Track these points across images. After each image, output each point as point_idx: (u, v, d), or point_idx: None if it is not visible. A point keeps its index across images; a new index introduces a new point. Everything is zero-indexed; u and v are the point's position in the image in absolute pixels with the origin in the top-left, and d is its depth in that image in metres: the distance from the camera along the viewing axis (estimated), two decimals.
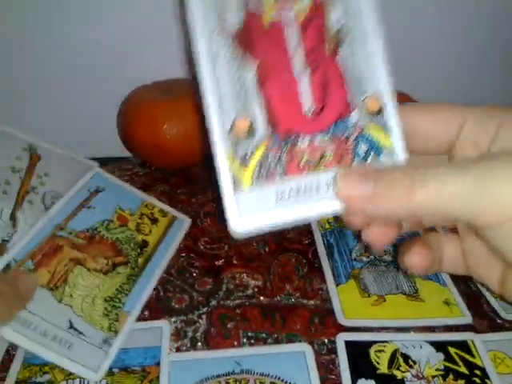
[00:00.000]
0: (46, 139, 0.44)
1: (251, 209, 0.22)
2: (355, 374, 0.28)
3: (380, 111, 0.24)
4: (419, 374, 0.28)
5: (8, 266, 0.31)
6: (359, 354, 0.29)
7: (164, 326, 0.32)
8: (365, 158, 0.23)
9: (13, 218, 0.33)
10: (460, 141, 0.23)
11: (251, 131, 0.22)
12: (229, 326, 0.32)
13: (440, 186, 0.20)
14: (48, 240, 0.33)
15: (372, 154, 0.23)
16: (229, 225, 0.22)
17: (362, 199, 0.21)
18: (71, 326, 0.30)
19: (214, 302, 0.34)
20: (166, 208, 0.42)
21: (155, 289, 0.35)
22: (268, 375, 0.28)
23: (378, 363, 0.29)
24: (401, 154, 0.23)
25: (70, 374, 0.28)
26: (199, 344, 0.31)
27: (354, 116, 0.23)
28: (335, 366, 0.29)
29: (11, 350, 0.30)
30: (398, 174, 0.21)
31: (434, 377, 0.28)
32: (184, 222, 0.41)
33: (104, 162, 0.44)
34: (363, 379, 0.28)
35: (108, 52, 0.46)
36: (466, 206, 0.20)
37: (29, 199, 0.34)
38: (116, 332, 0.31)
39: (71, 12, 0.44)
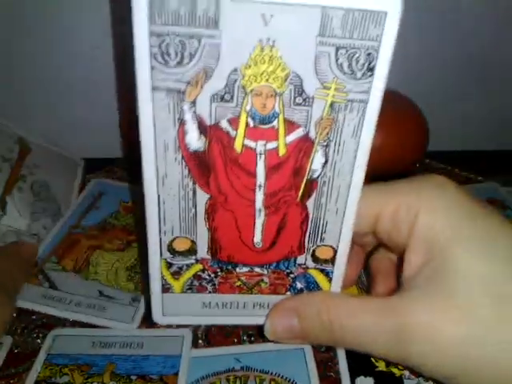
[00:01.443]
0: (46, 139, 0.47)
1: (175, 309, 0.24)
2: (354, 372, 0.29)
3: (330, 260, 0.23)
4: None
5: (36, 264, 0.35)
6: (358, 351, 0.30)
7: (186, 335, 0.31)
8: (299, 293, 0.24)
9: (2, 201, 0.35)
10: (381, 221, 0.23)
11: (191, 250, 0.23)
12: None
13: (359, 339, 0.21)
14: (66, 238, 0.37)
15: (306, 291, 0.24)
16: (152, 316, 0.24)
17: (289, 336, 0.23)
18: (101, 294, 0.33)
19: None
20: None
21: None
22: (268, 372, 0.29)
23: (377, 361, 0.29)
24: None
25: (89, 377, 0.29)
26: (200, 341, 0.31)
27: (302, 258, 0.23)
28: (334, 364, 0.30)
29: (14, 347, 0.31)
30: (319, 322, 0.22)
31: None
32: None
33: (104, 162, 0.47)
34: (362, 377, 0.28)
35: (109, 52, 0.46)
36: (383, 352, 0.21)
37: (18, 186, 0.37)
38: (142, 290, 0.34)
39: (72, 13, 0.43)
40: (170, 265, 0.23)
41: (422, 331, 0.19)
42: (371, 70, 0.18)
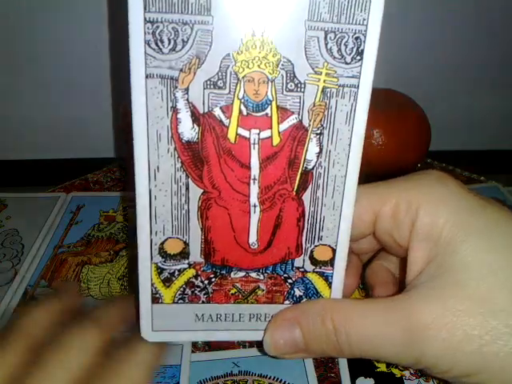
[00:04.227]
0: (46, 140, 0.49)
1: (166, 323, 0.22)
2: (354, 373, 0.28)
3: (329, 262, 0.22)
4: (418, 373, 0.28)
5: (26, 292, 0.34)
6: None
7: (185, 345, 0.30)
8: (298, 301, 0.23)
9: None
10: (381, 219, 0.22)
11: (183, 253, 0.22)
12: None
13: (367, 345, 0.20)
14: (52, 259, 0.37)
15: (305, 299, 0.23)
16: (140, 331, 0.22)
17: (292, 350, 0.22)
18: None
19: None
20: None
21: None
22: (266, 376, 0.28)
23: (377, 361, 0.29)
24: None
25: None
26: (199, 343, 0.31)
27: (300, 260, 0.22)
28: (334, 365, 0.29)
29: None
30: (324, 331, 0.20)
31: None
32: None
33: (105, 162, 0.49)
34: (362, 378, 0.28)
35: (109, 52, 0.47)
36: (393, 355, 0.20)
37: None
38: None
39: (72, 12, 0.45)
40: (160, 270, 0.22)
41: (435, 327, 0.18)
42: (360, 54, 0.18)
